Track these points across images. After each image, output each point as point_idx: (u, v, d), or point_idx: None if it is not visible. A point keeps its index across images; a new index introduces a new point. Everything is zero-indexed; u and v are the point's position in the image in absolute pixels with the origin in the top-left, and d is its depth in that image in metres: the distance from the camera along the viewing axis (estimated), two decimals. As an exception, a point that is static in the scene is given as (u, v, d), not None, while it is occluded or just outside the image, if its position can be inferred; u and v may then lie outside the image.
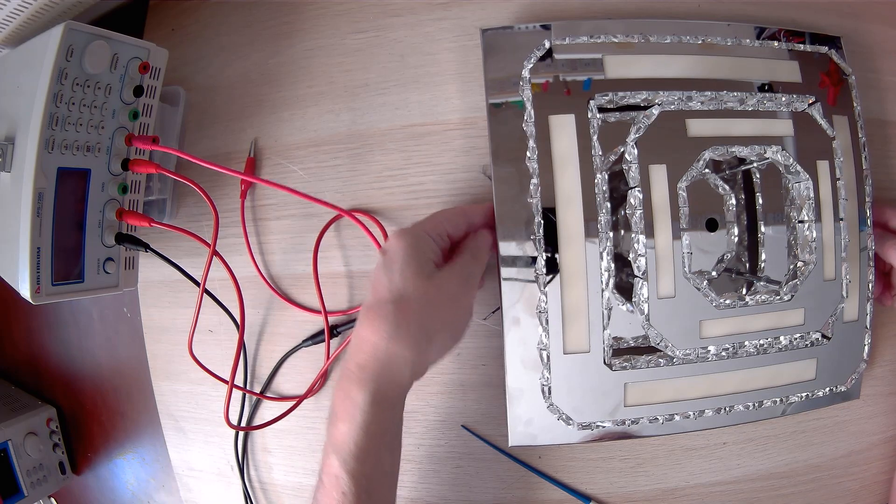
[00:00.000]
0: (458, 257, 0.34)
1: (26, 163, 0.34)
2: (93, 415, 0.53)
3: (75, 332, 0.53)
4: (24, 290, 0.34)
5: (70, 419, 0.54)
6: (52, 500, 0.55)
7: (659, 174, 0.34)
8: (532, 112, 0.36)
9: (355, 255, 0.44)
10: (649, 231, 0.34)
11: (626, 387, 0.36)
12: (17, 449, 0.49)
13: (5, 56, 0.39)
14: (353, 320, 0.43)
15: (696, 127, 0.35)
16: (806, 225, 0.36)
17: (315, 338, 0.44)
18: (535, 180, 0.35)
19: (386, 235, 0.41)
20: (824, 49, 0.39)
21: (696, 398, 0.37)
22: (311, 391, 0.44)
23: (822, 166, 0.36)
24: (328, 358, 0.43)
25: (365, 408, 0.28)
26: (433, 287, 0.31)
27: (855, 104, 0.39)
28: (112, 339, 0.52)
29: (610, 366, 0.36)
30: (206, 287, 0.40)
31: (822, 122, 0.36)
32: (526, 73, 0.36)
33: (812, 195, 0.36)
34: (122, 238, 0.39)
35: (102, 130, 0.37)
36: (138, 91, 0.39)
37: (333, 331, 0.44)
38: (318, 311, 0.44)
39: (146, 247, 0.40)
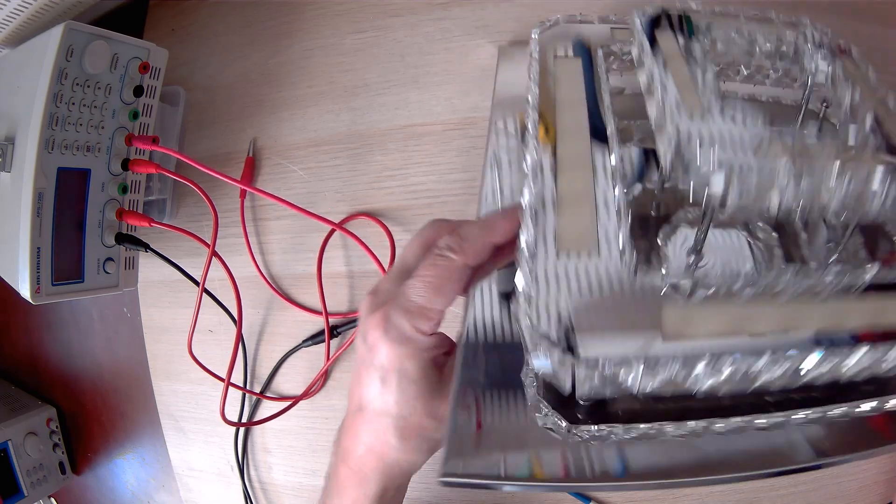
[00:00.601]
0: None
1: (26, 163, 0.34)
2: (93, 415, 0.53)
3: (75, 332, 0.53)
4: (24, 290, 0.34)
5: (70, 419, 0.54)
6: (52, 500, 0.55)
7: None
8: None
9: (356, 255, 0.44)
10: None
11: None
12: (17, 449, 0.49)
13: (5, 56, 0.39)
14: (354, 321, 0.43)
15: None
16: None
17: (315, 338, 0.44)
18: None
19: (390, 237, 0.41)
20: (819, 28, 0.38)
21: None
22: (308, 392, 0.44)
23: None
24: (328, 359, 0.43)
25: (374, 493, 0.28)
26: (442, 404, 0.27)
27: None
28: (112, 339, 0.52)
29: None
30: (205, 287, 0.40)
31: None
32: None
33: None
34: (122, 238, 0.39)
35: (102, 130, 0.37)
36: (138, 91, 0.39)
37: (333, 331, 0.44)
38: (318, 312, 0.44)
39: (146, 247, 0.40)
